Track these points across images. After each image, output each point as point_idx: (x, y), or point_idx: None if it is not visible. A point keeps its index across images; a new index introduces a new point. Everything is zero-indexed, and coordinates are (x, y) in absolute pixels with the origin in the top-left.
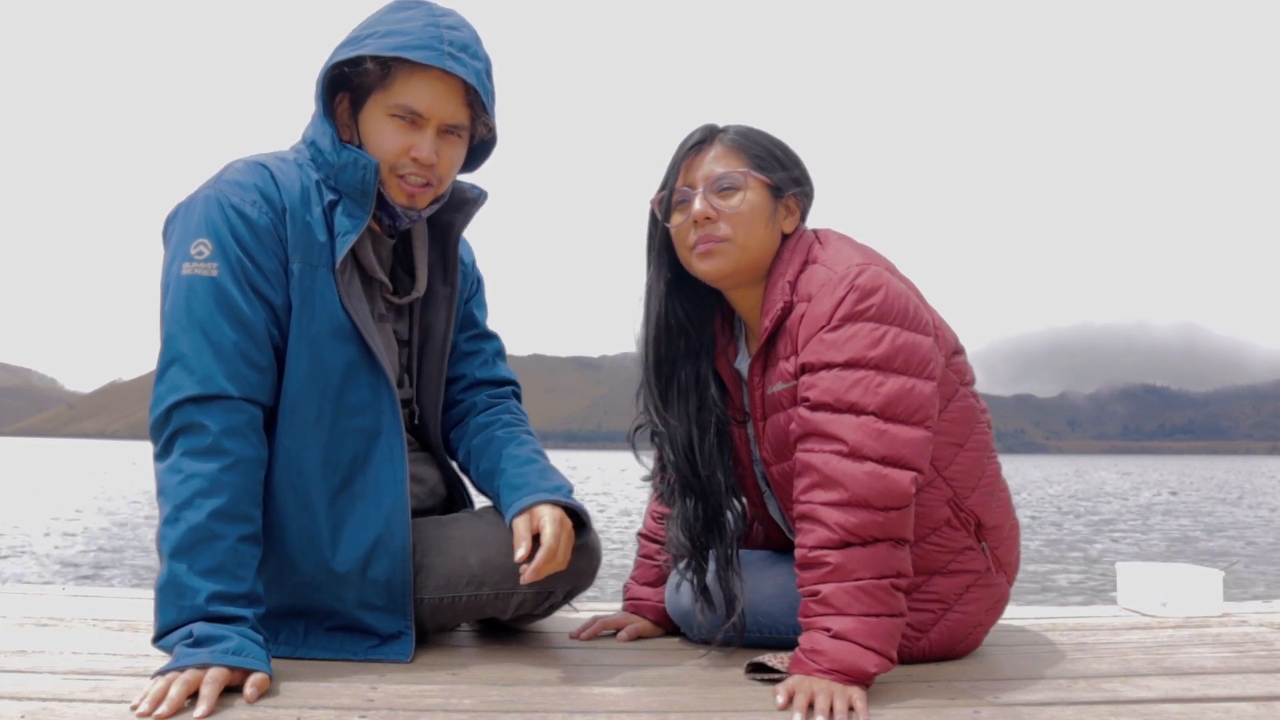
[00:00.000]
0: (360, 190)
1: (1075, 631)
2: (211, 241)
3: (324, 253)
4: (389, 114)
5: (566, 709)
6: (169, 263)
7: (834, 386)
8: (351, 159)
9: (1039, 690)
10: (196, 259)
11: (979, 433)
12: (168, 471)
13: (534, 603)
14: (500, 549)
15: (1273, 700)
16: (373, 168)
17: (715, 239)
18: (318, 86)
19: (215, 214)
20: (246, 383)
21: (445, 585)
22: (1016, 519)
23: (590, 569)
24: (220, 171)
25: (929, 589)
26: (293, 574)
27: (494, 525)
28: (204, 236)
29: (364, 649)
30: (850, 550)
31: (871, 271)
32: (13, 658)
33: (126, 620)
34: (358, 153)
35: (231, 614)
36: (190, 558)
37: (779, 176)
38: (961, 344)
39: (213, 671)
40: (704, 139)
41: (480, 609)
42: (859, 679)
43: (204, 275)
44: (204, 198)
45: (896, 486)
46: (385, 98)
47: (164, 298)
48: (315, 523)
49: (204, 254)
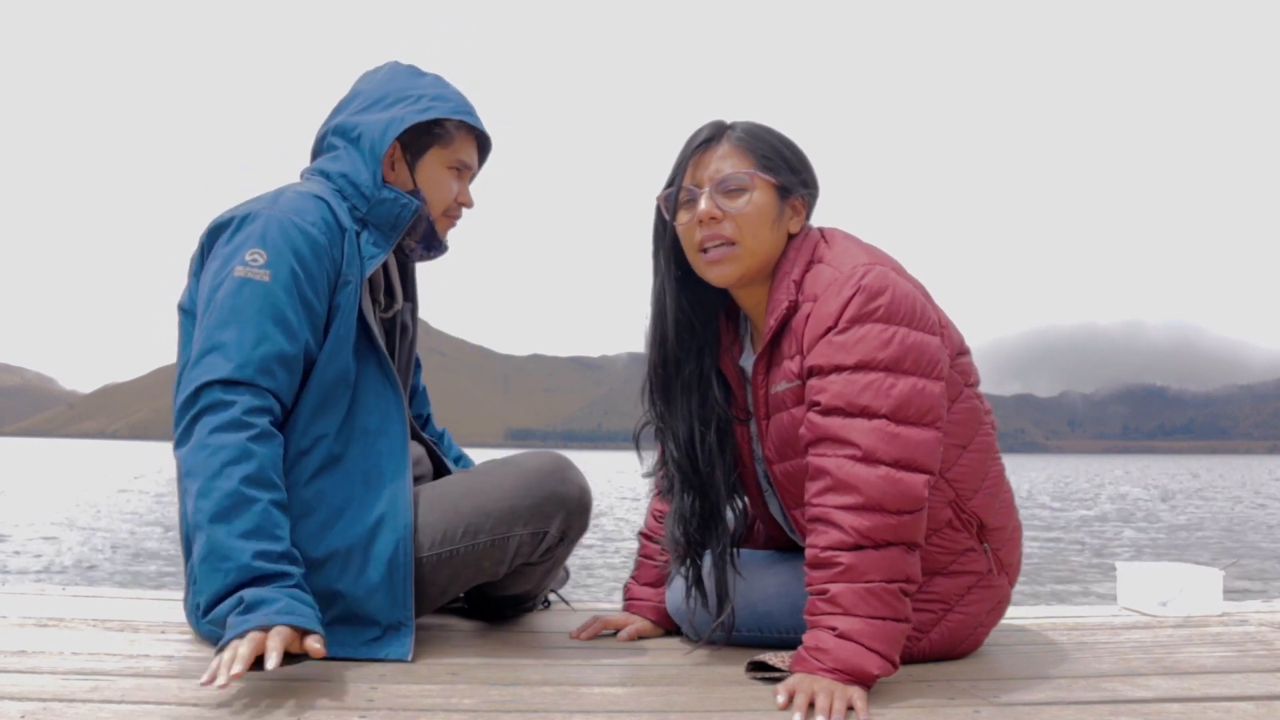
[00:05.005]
0: (391, 224)
1: (1075, 631)
2: (268, 252)
3: (357, 271)
4: (448, 166)
5: (566, 709)
6: (220, 268)
7: (845, 390)
8: (392, 196)
9: (1039, 690)
10: (251, 264)
11: (983, 434)
12: (194, 451)
13: (531, 546)
14: (492, 495)
15: (1273, 700)
16: (412, 208)
17: (722, 242)
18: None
19: (274, 230)
20: (275, 380)
21: (442, 540)
22: (1019, 520)
23: (582, 506)
24: (276, 197)
25: (930, 590)
26: None
27: (483, 475)
28: (260, 247)
29: (364, 642)
30: (863, 553)
31: (878, 271)
32: (13, 658)
33: (126, 620)
34: (397, 192)
35: (276, 571)
36: (228, 523)
37: (786, 177)
38: (967, 344)
39: (276, 629)
40: (712, 136)
41: (478, 561)
42: (860, 680)
43: (257, 279)
44: (265, 216)
45: (910, 490)
46: (448, 153)
47: (208, 300)
48: (321, 511)
49: (259, 261)
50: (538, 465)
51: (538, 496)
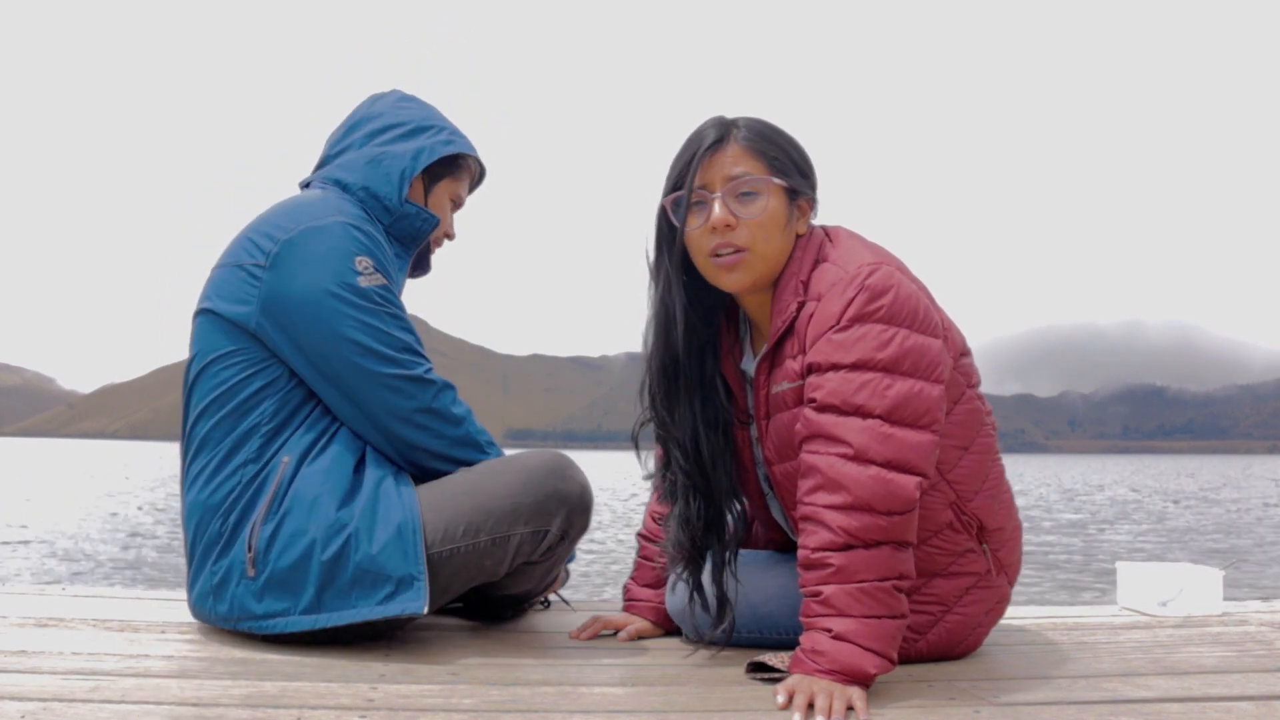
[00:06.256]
0: (412, 238)
1: (1075, 631)
2: (369, 259)
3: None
4: (450, 197)
5: (566, 709)
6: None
7: (841, 388)
8: (415, 211)
9: (1039, 690)
10: (365, 273)
11: (984, 435)
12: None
13: (531, 545)
14: (493, 493)
15: (1273, 700)
16: (433, 223)
17: (735, 249)
18: (418, 161)
19: (362, 237)
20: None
21: (443, 538)
22: (1019, 520)
23: (583, 504)
24: (324, 208)
25: (929, 591)
26: (303, 537)
27: (484, 474)
28: (361, 255)
29: (378, 601)
30: (853, 552)
31: (883, 272)
32: (13, 658)
33: (126, 620)
34: (419, 208)
35: None
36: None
37: (795, 179)
38: (969, 345)
39: None
40: (719, 137)
41: (480, 560)
42: (859, 679)
43: (380, 284)
44: (340, 225)
45: (901, 491)
46: (454, 186)
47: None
48: (332, 494)
49: (369, 267)
50: (539, 464)
51: (539, 495)
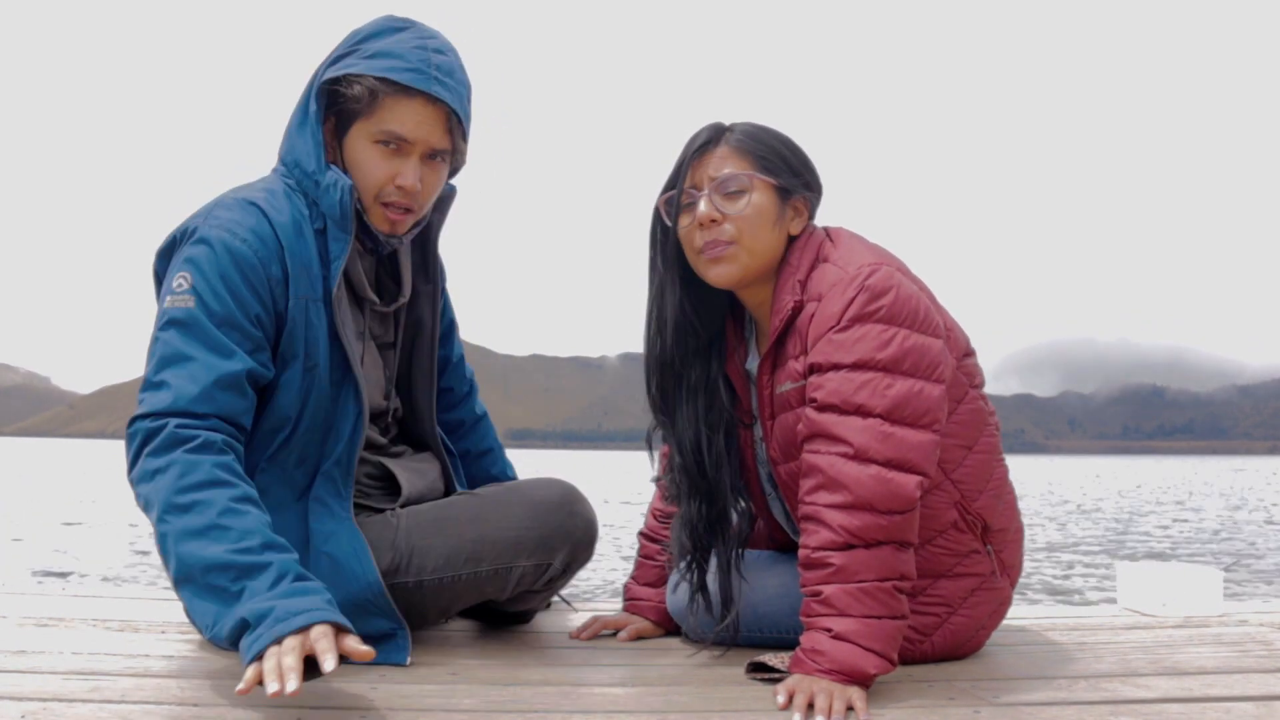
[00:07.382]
0: (340, 213)
1: (1075, 631)
2: (192, 275)
3: (318, 284)
4: (374, 140)
5: (566, 709)
6: (160, 295)
7: (841, 388)
8: (332, 180)
9: (1039, 690)
10: (177, 291)
11: (987, 435)
12: (140, 482)
13: (533, 577)
14: (498, 524)
15: (1273, 700)
16: (347, 188)
17: (722, 243)
18: (310, 100)
19: (201, 252)
20: (214, 402)
21: (444, 565)
22: (1021, 521)
23: (588, 539)
24: (211, 209)
25: (934, 592)
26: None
27: (490, 502)
28: (185, 271)
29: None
30: (853, 552)
31: (883, 272)
32: (13, 658)
33: (126, 620)
34: (337, 173)
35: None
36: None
37: (786, 178)
38: (972, 346)
39: (317, 629)
40: (710, 139)
41: (479, 587)
42: (859, 680)
43: (181, 307)
44: (195, 234)
45: (901, 491)
46: (371, 124)
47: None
48: (292, 539)
49: (183, 286)
50: (545, 497)
51: (544, 530)
